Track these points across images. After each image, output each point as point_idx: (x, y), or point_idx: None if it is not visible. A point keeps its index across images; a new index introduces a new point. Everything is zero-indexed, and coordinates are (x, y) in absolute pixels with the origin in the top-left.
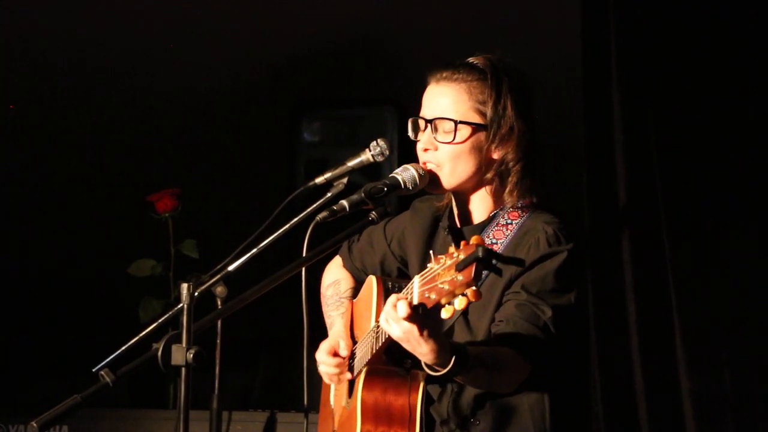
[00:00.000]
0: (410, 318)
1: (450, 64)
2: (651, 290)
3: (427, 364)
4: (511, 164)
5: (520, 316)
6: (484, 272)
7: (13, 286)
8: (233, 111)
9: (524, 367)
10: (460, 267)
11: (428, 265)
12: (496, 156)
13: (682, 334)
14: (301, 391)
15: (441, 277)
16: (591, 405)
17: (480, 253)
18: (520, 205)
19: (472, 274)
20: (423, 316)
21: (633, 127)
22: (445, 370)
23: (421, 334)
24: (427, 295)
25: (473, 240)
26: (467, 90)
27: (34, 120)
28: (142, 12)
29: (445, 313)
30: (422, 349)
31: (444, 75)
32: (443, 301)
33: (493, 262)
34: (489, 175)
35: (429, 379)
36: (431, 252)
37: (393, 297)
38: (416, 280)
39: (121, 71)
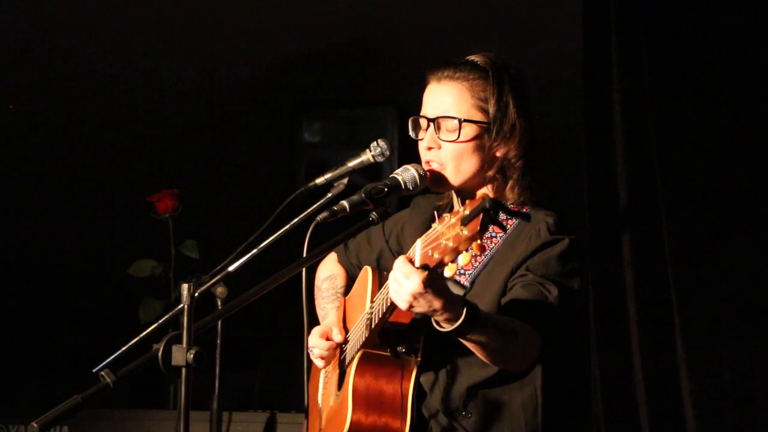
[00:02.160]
0: (418, 277)
1: (450, 62)
2: (651, 290)
3: (438, 322)
4: (513, 161)
5: (527, 294)
6: (480, 266)
7: (14, 286)
8: (233, 111)
9: (536, 340)
10: (467, 221)
11: (432, 225)
12: (498, 154)
13: (683, 334)
14: (302, 392)
15: (445, 235)
16: (591, 406)
17: (487, 204)
18: (520, 202)
19: (478, 227)
20: (429, 274)
21: (633, 127)
22: (458, 324)
23: (431, 291)
24: (430, 254)
25: (480, 195)
26: (469, 88)
27: (34, 120)
28: (143, 12)
29: (448, 272)
30: (435, 305)
31: (445, 74)
32: (446, 259)
33: (500, 215)
34: (491, 173)
35: (421, 370)
36: (435, 213)
37: (400, 258)
38: (418, 242)
39: (122, 71)
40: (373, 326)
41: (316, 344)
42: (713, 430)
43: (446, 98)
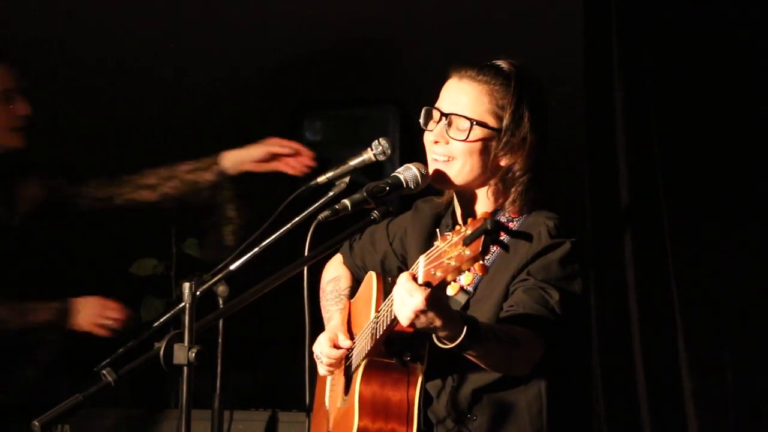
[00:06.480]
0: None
1: (476, 63)
2: (653, 289)
3: (439, 338)
4: (517, 174)
5: (528, 299)
6: (481, 273)
7: (15, 284)
8: (235, 110)
9: (538, 345)
10: (468, 241)
11: (435, 243)
12: (503, 163)
13: (684, 333)
14: (303, 391)
15: (447, 254)
16: (592, 405)
17: (488, 225)
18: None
19: (480, 247)
20: (432, 292)
21: (635, 127)
22: (458, 341)
23: (433, 310)
24: (432, 273)
25: (481, 215)
26: (489, 92)
27: (34, 119)
28: (142, 12)
29: (451, 290)
30: (436, 323)
31: (468, 73)
32: (449, 278)
33: (502, 236)
34: (493, 180)
35: (428, 377)
36: (438, 230)
37: (404, 274)
38: (421, 259)
39: (122, 71)
40: (378, 336)
41: (324, 353)
42: (715, 430)
43: (464, 98)
